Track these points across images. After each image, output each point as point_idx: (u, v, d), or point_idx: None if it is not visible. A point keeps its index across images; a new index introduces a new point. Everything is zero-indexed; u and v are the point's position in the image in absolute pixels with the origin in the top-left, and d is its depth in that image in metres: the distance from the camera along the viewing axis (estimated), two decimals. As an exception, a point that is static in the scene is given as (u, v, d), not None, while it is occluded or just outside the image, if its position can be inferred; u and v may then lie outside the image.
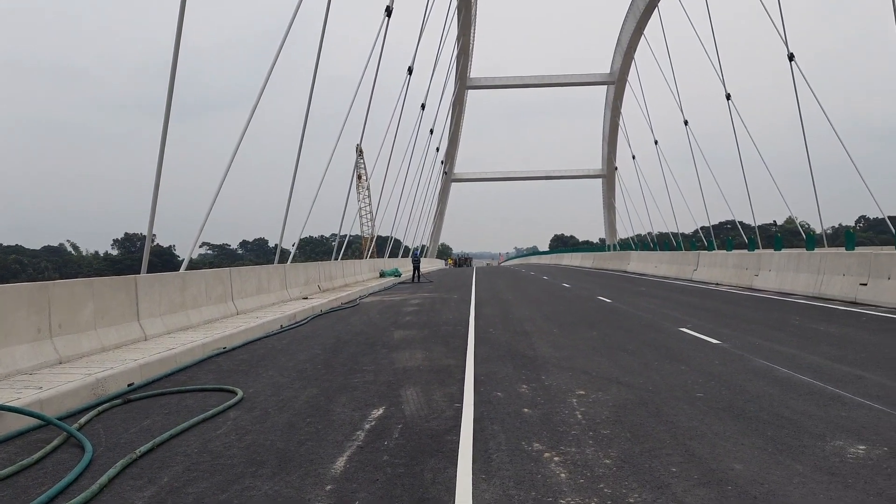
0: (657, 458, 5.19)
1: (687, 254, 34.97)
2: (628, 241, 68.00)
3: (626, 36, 58.29)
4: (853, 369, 8.43)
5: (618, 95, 65.74)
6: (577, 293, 24.32)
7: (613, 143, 72.79)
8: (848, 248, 20.79)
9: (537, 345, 11.32)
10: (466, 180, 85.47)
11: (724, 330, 12.56)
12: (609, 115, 70.92)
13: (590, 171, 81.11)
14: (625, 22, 58.52)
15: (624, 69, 61.99)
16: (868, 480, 4.52)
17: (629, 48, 58.35)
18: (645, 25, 53.63)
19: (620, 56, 61.67)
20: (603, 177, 78.97)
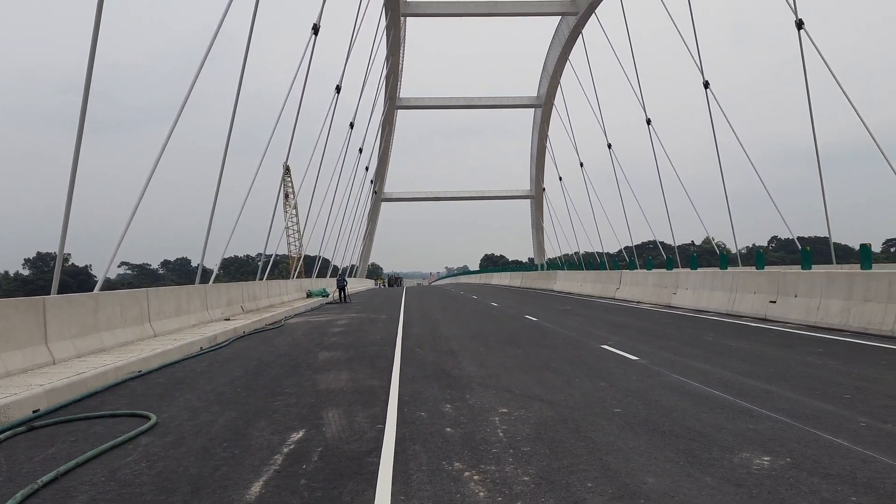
0: (574, 473, 5.27)
1: (610, 273, 35.88)
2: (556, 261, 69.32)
3: (551, 61, 59.79)
4: (761, 383, 8.79)
5: (545, 119, 67.24)
6: (505, 312, 24.56)
7: (541, 165, 74.29)
8: (758, 267, 21.76)
9: (464, 364, 11.36)
10: (397, 200, 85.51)
11: (643, 347, 12.91)
12: (537, 138, 72.43)
13: (519, 192, 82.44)
14: (550, 47, 60.07)
15: (550, 93, 63.49)
16: (771, 490, 4.70)
17: (555, 73, 59.86)
18: (570, 52, 55.17)
19: (547, 80, 63.18)
20: (531, 197, 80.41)
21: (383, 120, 63.43)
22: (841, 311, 15.40)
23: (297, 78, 29.74)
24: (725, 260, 25.52)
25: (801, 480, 4.89)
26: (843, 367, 10.00)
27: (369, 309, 29.05)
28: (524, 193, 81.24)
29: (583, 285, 38.96)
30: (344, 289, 37.16)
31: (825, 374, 9.36)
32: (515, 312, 24.01)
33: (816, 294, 16.65)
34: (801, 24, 26.64)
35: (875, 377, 9.04)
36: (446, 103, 67.84)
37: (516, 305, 28.85)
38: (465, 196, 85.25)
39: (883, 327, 13.81)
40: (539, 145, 72.08)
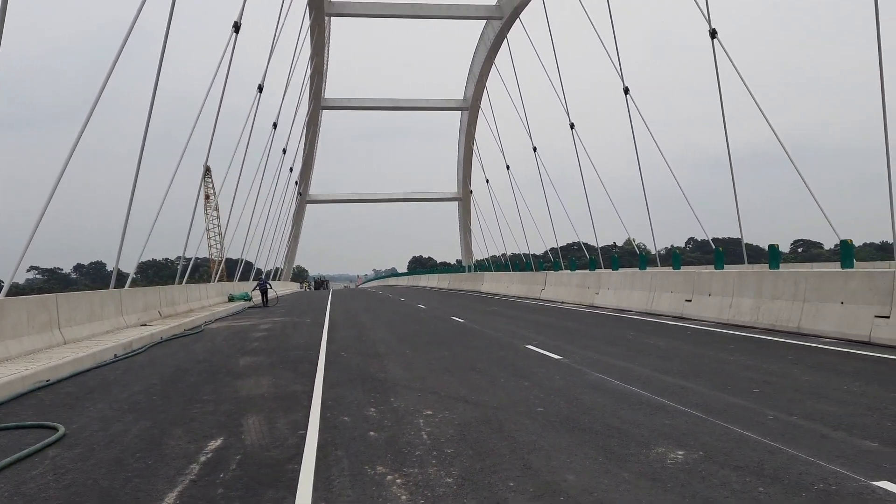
0: (497, 473, 5.30)
1: (536, 274, 36.47)
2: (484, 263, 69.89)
3: (477, 64, 60.32)
4: (677, 380, 9.08)
5: (471, 122, 67.74)
6: (432, 314, 24.60)
7: (468, 168, 74.81)
8: (675, 267, 22.53)
9: (389, 367, 11.29)
10: (323, 202, 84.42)
11: (566, 346, 13.15)
12: (464, 141, 72.86)
13: (446, 194, 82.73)
14: (476, 51, 60.57)
15: (477, 96, 64.01)
16: (685, 484, 4.85)
17: (481, 76, 60.40)
18: (495, 55, 55.76)
19: (473, 84, 63.66)
20: (459, 200, 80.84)
21: (308, 120, 62.58)
22: (751, 309, 16.10)
23: (217, 77, 28.98)
24: (644, 260, 26.30)
25: (713, 473, 5.06)
26: (752, 362, 10.45)
27: (294, 313, 28.57)
28: (452, 195, 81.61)
29: (509, 286, 39.44)
30: (267, 292, 36.42)
31: (736, 370, 9.75)
32: (442, 314, 24.07)
33: (729, 293, 17.35)
34: (714, 33, 27.71)
35: (782, 372, 9.48)
36: (372, 105, 67.50)
37: (443, 307, 28.94)
38: (393, 198, 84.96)
39: (790, 324, 14.51)
40: (466, 148, 72.55)
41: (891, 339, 11.70)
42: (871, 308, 12.45)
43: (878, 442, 5.72)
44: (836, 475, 4.89)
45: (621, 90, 35.56)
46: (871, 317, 12.34)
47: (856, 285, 12.99)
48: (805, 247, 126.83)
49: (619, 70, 35.11)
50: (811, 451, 5.52)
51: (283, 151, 52.30)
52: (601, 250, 42.46)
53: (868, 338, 12.21)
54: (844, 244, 14.97)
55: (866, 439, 5.82)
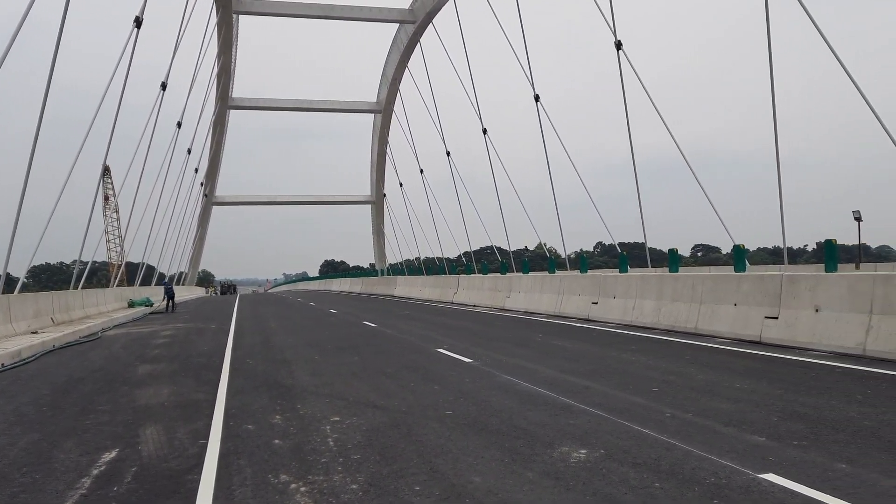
0: (403, 478, 5.27)
1: (448, 278, 36.68)
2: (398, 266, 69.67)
3: (391, 67, 60.16)
4: (582, 380, 9.32)
5: (384, 124, 67.50)
6: (344, 318, 24.32)
7: (381, 171, 74.48)
8: (582, 270, 23.16)
9: (297, 373, 11.07)
10: (230, 203, 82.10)
11: (477, 349, 13.27)
12: (377, 144, 72.51)
13: (359, 197, 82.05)
14: (389, 54, 60.42)
15: (390, 99, 63.85)
16: (586, 482, 4.97)
17: (394, 79, 60.28)
18: (408, 59, 55.80)
19: (386, 87, 63.47)
20: (372, 203, 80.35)
21: (214, 120, 60.77)
22: (653, 311, 16.73)
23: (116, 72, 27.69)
24: (553, 264, 26.89)
25: (613, 470, 5.21)
26: (653, 362, 10.85)
27: (198, 318, 27.63)
28: (365, 199, 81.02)
29: (422, 290, 39.51)
30: (172, 297, 35.07)
31: (638, 370, 10.09)
32: (354, 319, 23.85)
33: (632, 295, 17.98)
34: (619, 44, 28.68)
35: (679, 371, 9.88)
36: (283, 105, 66.19)
37: (355, 312, 28.69)
38: (305, 200, 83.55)
39: (688, 325, 15.17)
40: (379, 151, 72.24)
41: (779, 339, 12.41)
42: (761, 309, 13.16)
43: (765, 437, 6.04)
44: (727, 469, 5.13)
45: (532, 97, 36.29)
46: (762, 318, 13.05)
47: (748, 288, 13.71)
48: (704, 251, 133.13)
49: (530, 77, 35.82)
50: (704, 446, 5.77)
51: (188, 152, 50.54)
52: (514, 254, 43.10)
53: (759, 338, 12.91)
54: (737, 248, 15.78)
55: (755, 434, 6.13)
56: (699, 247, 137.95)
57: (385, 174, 73.71)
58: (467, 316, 23.44)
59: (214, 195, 77.34)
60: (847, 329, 11.08)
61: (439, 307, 29.73)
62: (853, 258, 53.41)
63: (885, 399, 7.47)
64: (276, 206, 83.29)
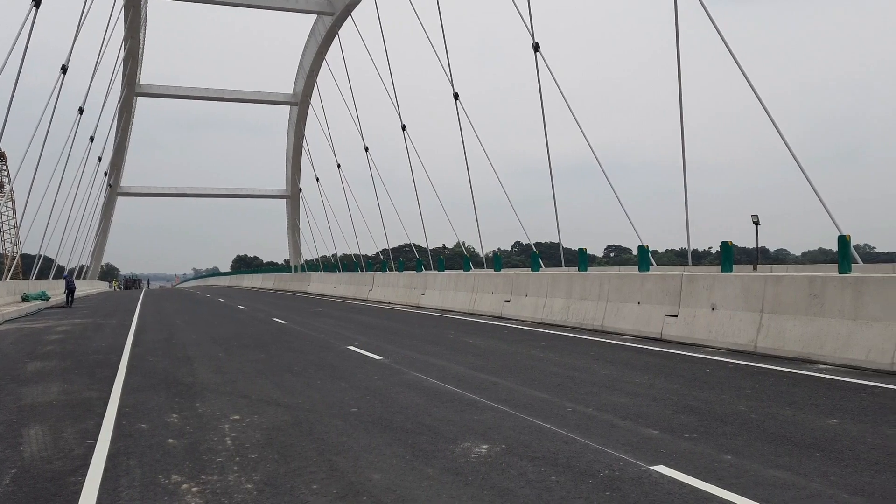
0: (301, 476, 5.16)
1: (364, 275, 36.41)
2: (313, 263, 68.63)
3: (308, 59, 59.18)
4: (490, 377, 9.40)
5: (301, 117, 66.34)
6: (253, 315, 23.74)
7: (297, 164, 73.16)
8: (496, 269, 23.43)
9: (199, 370, 10.71)
10: (137, 195, 78.78)
11: (388, 346, 13.20)
12: (293, 136, 71.15)
13: (274, 192, 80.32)
14: (307, 45, 59.42)
15: (307, 92, 62.80)
16: (485, 476, 4.99)
17: (311, 72, 59.34)
18: (326, 51, 55.04)
19: (303, 79, 62.39)
20: (287, 197, 78.82)
21: (121, 106, 58.17)
22: (562, 309, 17.09)
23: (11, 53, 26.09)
24: (468, 262, 27.10)
25: (512, 464, 5.26)
26: (560, 358, 11.07)
27: (98, 314, 26.38)
28: (280, 193, 79.39)
29: (336, 287, 39.07)
30: (73, 291, 33.35)
31: (544, 366, 10.27)
32: (264, 315, 23.32)
33: (543, 293, 18.31)
34: (537, 47, 29.18)
35: (584, 367, 10.12)
36: (195, 94, 64.01)
37: (266, 308, 28.06)
38: (217, 193, 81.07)
39: (595, 322, 15.57)
40: (295, 144, 70.92)
41: (679, 336, 12.90)
42: (662, 307, 13.65)
43: (658, 430, 6.24)
44: (621, 461, 5.27)
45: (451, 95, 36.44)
46: (663, 316, 13.54)
47: (650, 287, 14.19)
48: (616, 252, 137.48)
49: (449, 75, 35.98)
50: (601, 439, 5.91)
51: (91, 139, 48.17)
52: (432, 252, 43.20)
53: (660, 335, 13.38)
54: (641, 249, 16.31)
55: (649, 427, 6.33)
56: (611, 247, 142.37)
57: (301, 168, 72.53)
58: (381, 313, 23.32)
59: (120, 185, 74.07)
60: (740, 327, 11.62)
61: (353, 304, 29.47)
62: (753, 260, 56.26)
63: (771, 393, 7.87)
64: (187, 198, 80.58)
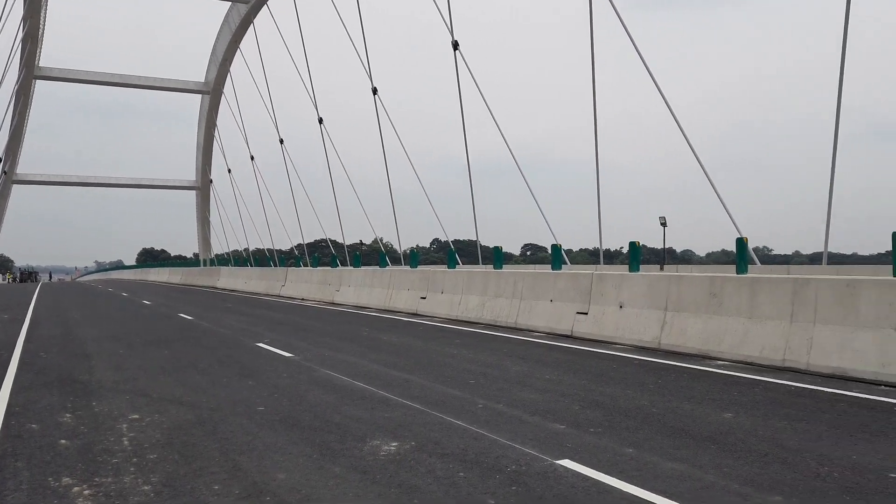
0: (202, 477, 4.97)
1: (276, 270, 35.66)
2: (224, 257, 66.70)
3: (221, 47, 57.37)
4: (403, 374, 9.37)
5: (213, 106, 64.27)
6: (158, 310, 22.86)
7: (209, 155, 70.86)
8: (412, 266, 23.42)
9: (96, 368, 10.20)
10: (35, 182, 74.37)
11: (300, 343, 12.96)
12: (204, 126, 68.88)
13: (183, 183, 77.49)
14: (220, 33, 57.63)
15: (220, 80, 60.90)
16: (393, 474, 4.95)
17: (224, 60, 57.56)
18: (241, 39, 53.50)
19: (216, 67, 60.46)
20: (197, 189, 76.24)
21: (17, 89, 54.82)
22: (478, 306, 17.25)
23: None
24: (384, 258, 26.98)
25: (421, 462, 5.24)
26: (473, 355, 11.15)
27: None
28: (189, 184, 76.68)
29: (248, 282, 38.15)
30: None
31: (458, 363, 10.32)
32: (169, 311, 22.49)
33: (459, 291, 18.43)
34: (456, 44, 29.30)
35: (497, 364, 10.23)
36: (100, 79, 60.98)
37: (172, 303, 27.09)
38: (122, 183, 77.57)
39: (509, 320, 15.79)
40: (207, 134, 68.67)
41: (589, 333, 13.23)
42: (574, 305, 13.98)
43: (565, 424, 6.37)
44: (528, 456, 5.33)
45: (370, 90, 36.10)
46: (574, 313, 13.86)
47: (563, 285, 14.50)
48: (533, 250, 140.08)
49: (368, 70, 35.66)
50: (510, 435, 5.97)
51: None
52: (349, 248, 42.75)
53: (571, 332, 13.69)
54: (555, 248, 16.66)
55: (556, 422, 6.45)
56: (528, 246, 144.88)
57: (213, 159, 70.34)
58: (294, 310, 22.91)
59: (16, 173, 69.81)
60: (646, 324, 12.03)
61: (265, 300, 28.84)
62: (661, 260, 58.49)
63: (672, 388, 8.17)
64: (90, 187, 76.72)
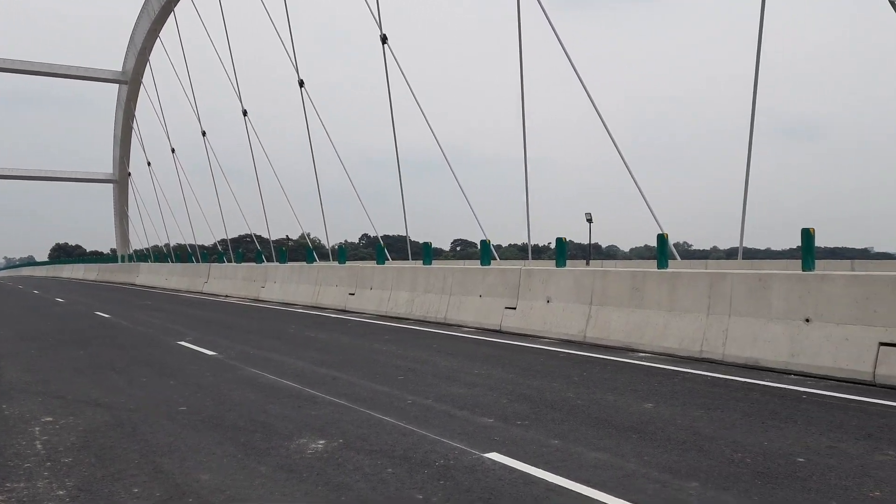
0: (121, 480, 4.80)
1: (198, 266, 34.71)
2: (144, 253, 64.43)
3: (140, 35, 55.29)
4: (331, 371, 9.27)
5: (131, 97, 61.91)
6: (72, 308, 21.91)
7: (127, 148, 68.23)
8: (340, 261, 23.21)
9: (6, 369, 9.70)
10: (-66, 174, 70.05)
11: (224, 341, 12.66)
12: (122, 117, 66.27)
13: (100, 175, 74.38)
14: (139, 20, 55.52)
15: (139, 70, 58.68)
16: (320, 472, 4.90)
17: (144, 49, 55.52)
18: (161, 28, 51.72)
19: (134, 56, 58.26)
20: (115, 182, 73.33)
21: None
22: (407, 302, 17.24)
23: None
24: (312, 254, 26.63)
25: (349, 459, 5.20)
26: (402, 351, 11.14)
27: None
28: (106, 177, 73.68)
29: (168, 279, 37.01)
30: None
31: (387, 359, 10.29)
32: (85, 309, 21.59)
33: (388, 286, 18.37)
34: (385, 38, 29.14)
35: (426, 359, 10.25)
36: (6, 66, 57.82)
37: (88, 301, 26.03)
38: (32, 175, 73.84)
39: (438, 315, 15.85)
40: (125, 126, 66.07)
41: (517, 328, 13.42)
42: (502, 300, 14.14)
43: (493, 418, 6.45)
44: (456, 450, 5.37)
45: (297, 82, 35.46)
46: (503, 308, 14.03)
47: (492, 280, 14.65)
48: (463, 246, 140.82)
49: (294, 61, 35.04)
50: (438, 430, 6.00)
51: None
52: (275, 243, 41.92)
53: (500, 327, 13.86)
54: (484, 243, 16.81)
55: (485, 416, 6.52)
56: (458, 241, 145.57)
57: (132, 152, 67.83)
58: (218, 307, 22.35)
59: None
60: (572, 318, 12.29)
61: (187, 298, 28.03)
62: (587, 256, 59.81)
63: (596, 380, 8.38)
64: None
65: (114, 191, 74.42)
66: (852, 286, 8.49)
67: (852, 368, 8.17)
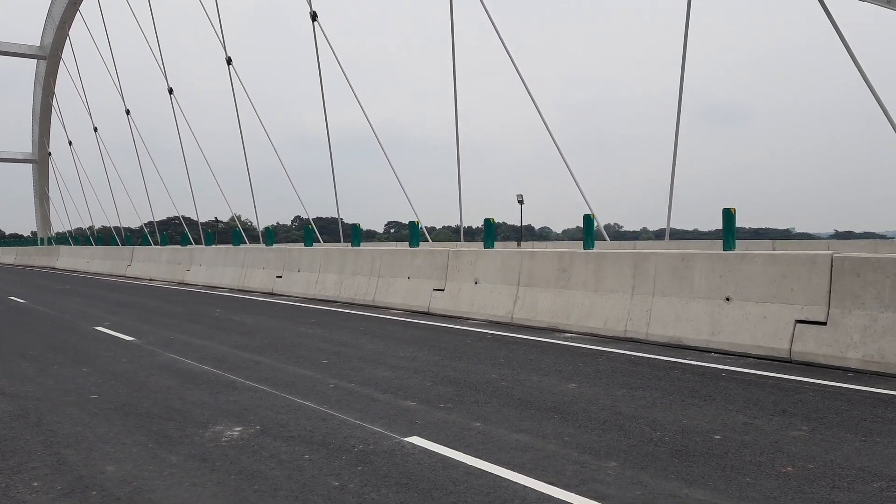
0: (19, 473, 4.54)
1: (121, 249, 33.50)
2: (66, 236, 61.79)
3: (58, 9, 52.62)
4: (253, 355, 9.05)
5: (50, 73, 58.97)
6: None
7: (46, 126, 65.05)
8: (268, 243, 22.74)
9: None
10: None
11: (143, 326, 12.22)
12: (41, 94, 63.09)
13: (17, 155, 70.75)
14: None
15: (57, 45, 55.89)
16: (234, 460, 4.75)
17: (63, 23, 52.87)
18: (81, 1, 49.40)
19: (52, 30, 55.43)
20: (34, 162, 69.90)
21: None
22: (335, 284, 17.02)
23: None
24: (238, 237, 26.03)
25: (265, 446, 5.07)
26: (328, 334, 10.98)
27: None
28: (25, 157, 70.17)
29: (90, 262, 35.61)
30: None
31: (312, 343, 10.12)
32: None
33: (316, 269, 18.09)
34: (315, 16, 28.51)
35: (352, 342, 10.13)
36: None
37: (2, 286, 24.78)
38: (-59, 154, 69.67)
39: (367, 297, 15.70)
40: (44, 103, 62.94)
41: (445, 309, 13.41)
42: (430, 282, 14.11)
43: (416, 401, 6.40)
44: (377, 435, 5.30)
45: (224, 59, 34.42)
46: (431, 290, 13.99)
47: (420, 262, 14.59)
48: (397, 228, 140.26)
49: (222, 38, 33.98)
50: (360, 414, 5.92)
51: None
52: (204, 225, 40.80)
53: (427, 308, 13.82)
54: (412, 225, 16.72)
55: (407, 399, 6.47)
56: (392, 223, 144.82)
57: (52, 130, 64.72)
58: (140, 290, 21.60)
59: None
60: (500, 299, 12.35)
61: (109, 281, 27.02)
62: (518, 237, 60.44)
63: (521, 361, 8.43)
64: None
65: (33, 171, 70.98)
66: (771, 265, 8.76)
67: (770, 346, 8.46)
